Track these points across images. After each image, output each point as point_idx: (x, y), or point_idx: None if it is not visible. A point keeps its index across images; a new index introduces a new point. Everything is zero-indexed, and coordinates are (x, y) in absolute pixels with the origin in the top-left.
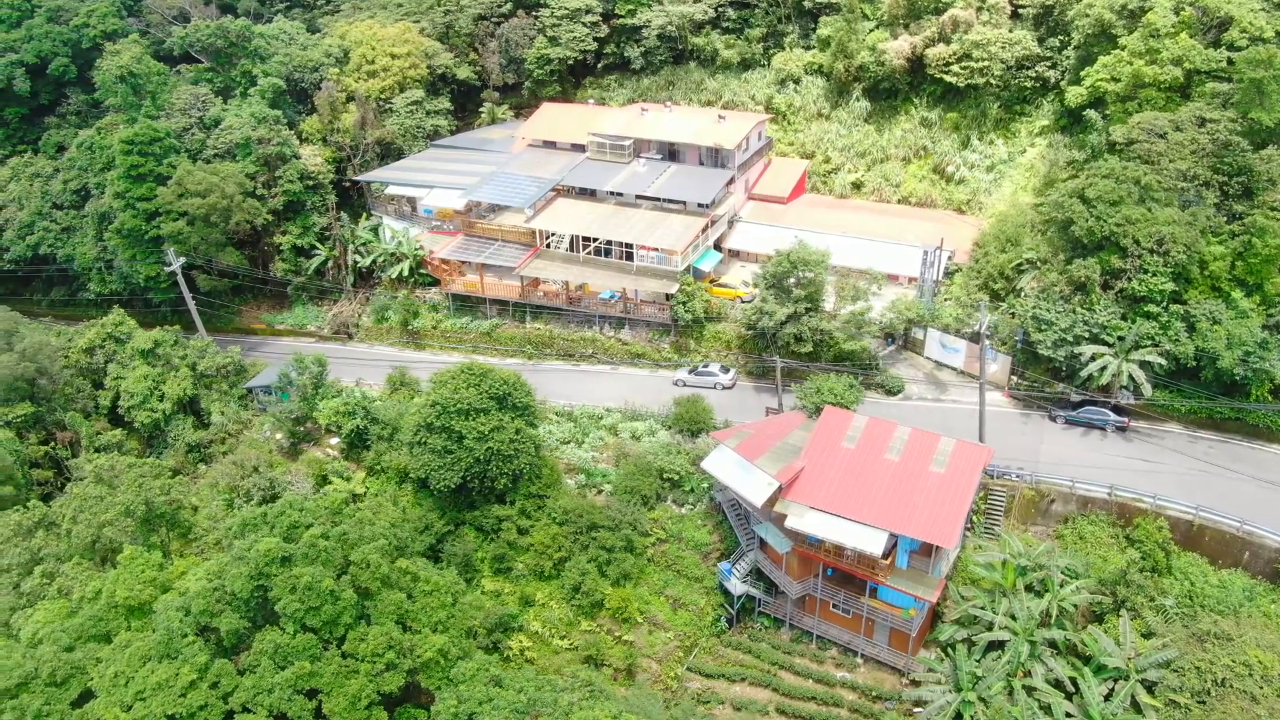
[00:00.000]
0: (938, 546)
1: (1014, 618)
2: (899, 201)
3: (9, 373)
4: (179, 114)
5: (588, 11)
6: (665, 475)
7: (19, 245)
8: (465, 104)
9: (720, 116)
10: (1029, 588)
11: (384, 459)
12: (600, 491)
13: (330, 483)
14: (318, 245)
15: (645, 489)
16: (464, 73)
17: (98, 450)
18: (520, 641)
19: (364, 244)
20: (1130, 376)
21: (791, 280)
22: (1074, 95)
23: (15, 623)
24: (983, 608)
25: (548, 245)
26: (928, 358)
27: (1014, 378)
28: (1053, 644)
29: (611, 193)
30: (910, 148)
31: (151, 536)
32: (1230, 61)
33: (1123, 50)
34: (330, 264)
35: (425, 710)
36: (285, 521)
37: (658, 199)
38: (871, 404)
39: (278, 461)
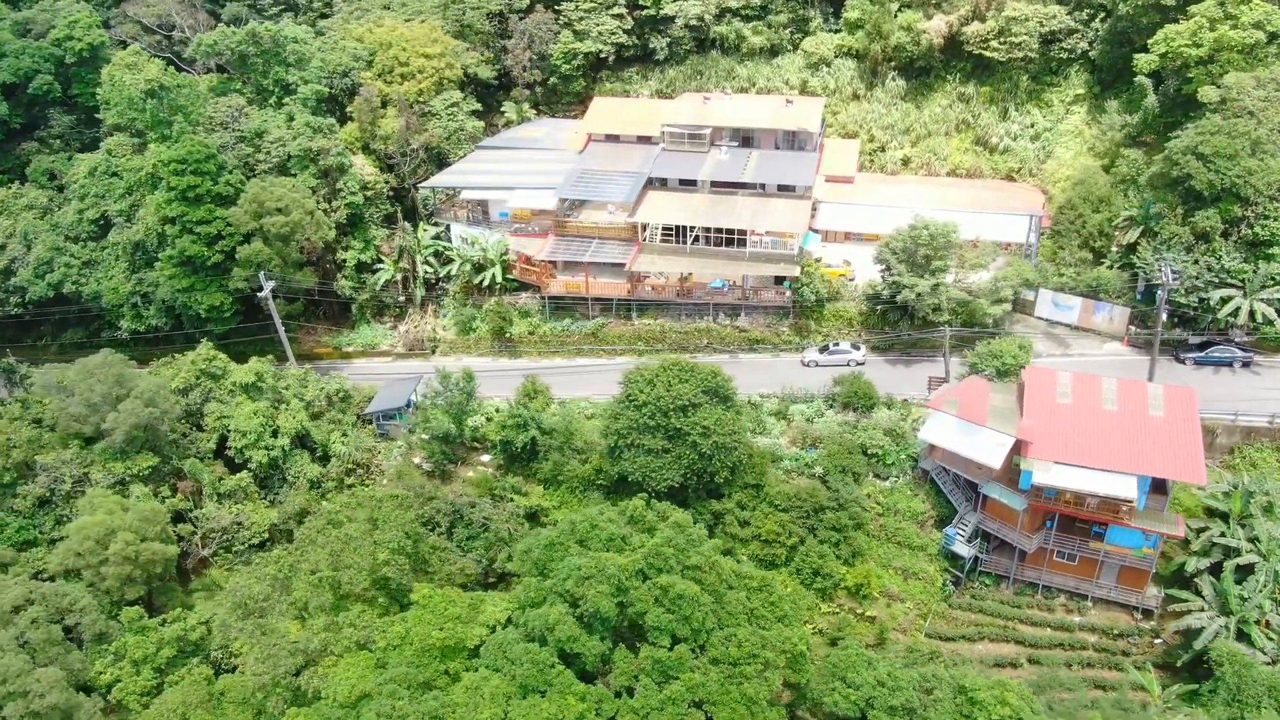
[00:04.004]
0: (1171, 485)
1: (1257, 541)
2: (948, 174)
3: (135, 420)
4: (219, 128)
5: (613, 4)
6: (869, 451)
7: (38, 285)
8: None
9: (788, 101)
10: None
11: (565, 469)
12: (802, 474)
13: (510, 499)
14: (382, 258)
15: (855, 467)
16: (486, 72)
17: (221, 498)
18: None
19: (434, 253)
20: (1262, 315)
21: (922, 253)
22: (1145, 62)
23: (309, 684)
24: (1222, 534)
25: (644, 239)
26: (1039, 317)
27: (1132, 327)
28: None
29: (682, 181)
30: (950, 122)
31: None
32: None
33: (1201, 18)
34: (398, 277)
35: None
36: (601, 535)
37: (753, 185)
38: None
39: (434, 486)
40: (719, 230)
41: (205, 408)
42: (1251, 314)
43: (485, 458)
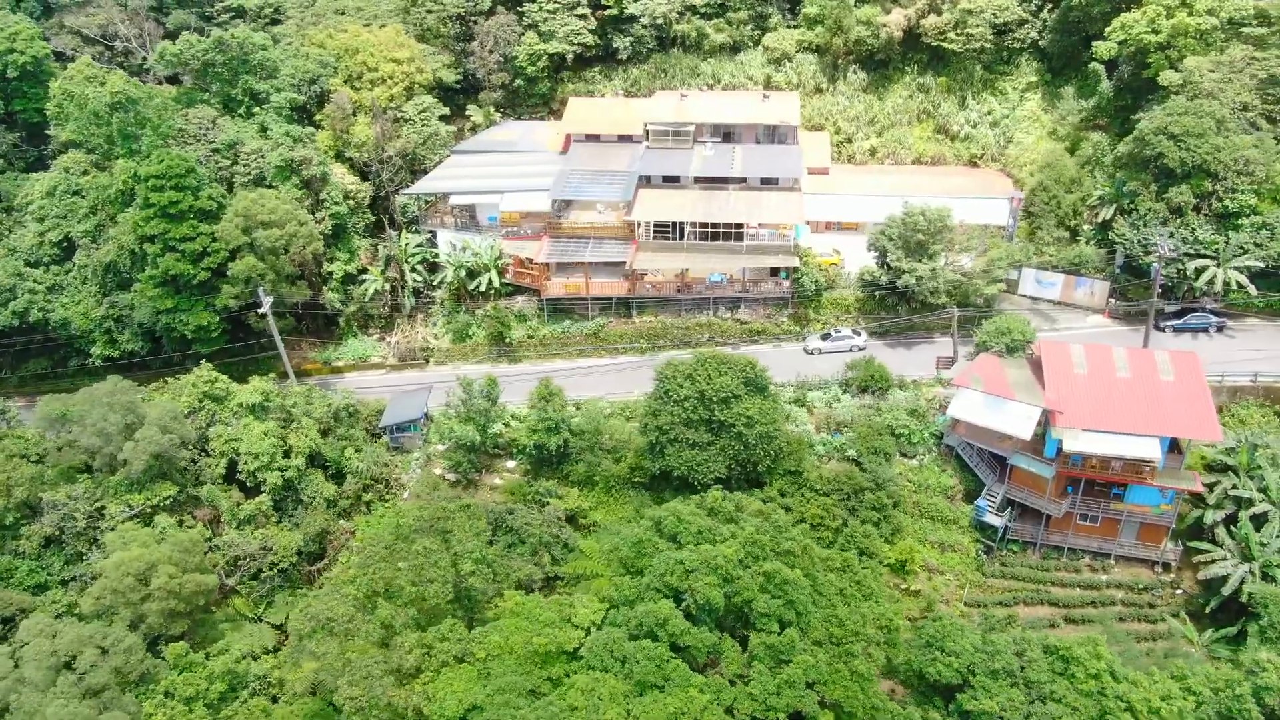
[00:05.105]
0: (1186, 444)
1: (1268, 491)
2: (913, 162)
3: (153, 448)
4: (192, 141)
5: (576, 4)
6: (895, 431)
7: (2, 314)
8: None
9: (765, 96)
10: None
11: (599, 469)
12: (833, 458)
13: (548, 503)
14: (368, 269)
15: (886, 447)
16: (449, 76)
17: (241, 524)
18: None
19: (421, 260)
20: (1237, 282)
21: (916, 238)
22: (1104, 49)
23: (407, 704)
24: (1234, 487)
25: (640, 237)
26: (1022, 294)
27: (1113, 300)
28: None
29: (668, 178)
30: (911, 112)
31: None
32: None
33: (1158, 5)
34: (387, 287)
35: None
36: (690, 529)
37: (741, 179)
38: None
39: (469, 495)
40: (714, 225)
41: (210, 431)
42: (1225, 282)
43: (510, 464)
